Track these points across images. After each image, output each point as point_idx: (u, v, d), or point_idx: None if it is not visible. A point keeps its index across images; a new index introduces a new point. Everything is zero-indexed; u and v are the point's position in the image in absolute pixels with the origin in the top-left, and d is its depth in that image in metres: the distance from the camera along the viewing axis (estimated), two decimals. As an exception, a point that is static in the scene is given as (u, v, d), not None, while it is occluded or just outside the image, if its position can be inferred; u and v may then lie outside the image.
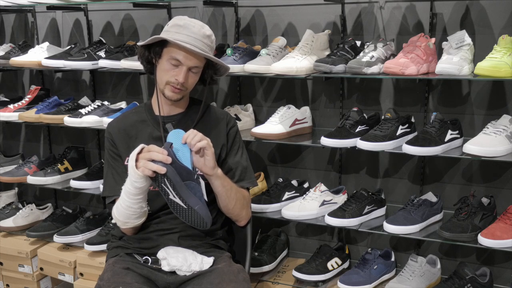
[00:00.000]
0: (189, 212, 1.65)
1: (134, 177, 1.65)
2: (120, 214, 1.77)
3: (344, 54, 2.20)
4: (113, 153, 1.92)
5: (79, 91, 3.14)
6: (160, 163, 1.61)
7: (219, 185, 1.82)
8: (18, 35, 3.29)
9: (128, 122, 1.96)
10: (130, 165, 1.65)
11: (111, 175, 1.91)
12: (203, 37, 1.80)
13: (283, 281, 2.46)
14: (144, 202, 1.75)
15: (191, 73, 1.83)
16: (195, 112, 1.96)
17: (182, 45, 1.75)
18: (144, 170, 1.62)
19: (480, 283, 2.15)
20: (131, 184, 1.67)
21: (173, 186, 1.62)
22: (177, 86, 1.82)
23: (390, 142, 2.14)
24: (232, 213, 1.92)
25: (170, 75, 1.82)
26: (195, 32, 1.79)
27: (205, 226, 1.68)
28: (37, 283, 2.85)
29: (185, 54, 1.78)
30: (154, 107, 1.95)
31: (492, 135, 2.00)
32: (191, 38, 1.77)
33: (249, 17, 2.66)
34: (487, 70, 1.90)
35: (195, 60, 1.80)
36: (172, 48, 1.79)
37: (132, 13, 2.90)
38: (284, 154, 2.71)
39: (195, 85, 1.90)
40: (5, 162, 3.22)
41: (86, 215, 2.86)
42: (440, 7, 2.27)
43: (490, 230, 2.01)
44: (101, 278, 1.75)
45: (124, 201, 1.72)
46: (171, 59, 1.80)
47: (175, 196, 1.63)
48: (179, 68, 1.80)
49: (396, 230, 2.13)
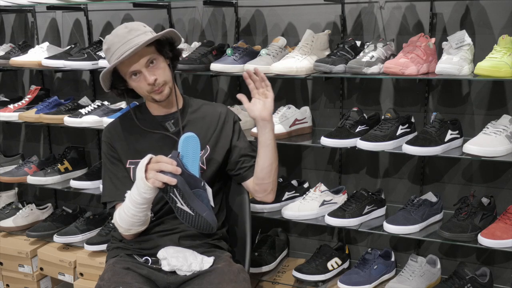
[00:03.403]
0: (196, 219, 1.65)
1: (144, 188, 1.63)
2: (124, 222, 1.76)
3: (344, 54, 2.20)
4: (112, 157, 1.91)
5: (79, 91, 3.14)
6: (170, 174, 1.60)
7: (271, 137, 1.90)
8: (18, 35, 3.29)
9: (125, 125, 1.94)
10: (139, 177, 1.63)
11: (110, 179, 1.90)
12: (128, 34, 1.76)
13: (283, 281, 2.46)
14: (148, 210, 1.75)
15: (153, 67, 1.80)
16: (191, 108, 1.96)
17: (121, 60, 1.73)
18: (155, 182, 1.61)
19: (480, 283, 2.15)
20: (139, 194, 1.66)
21: (182, 195, 1.62)
22: (155, 88, 1.81)
23: (390, 142, 2.14)
24: (274, 175, 1.95)
25: (143, 85, 1.80)
26: (121, 37, 1.76)
27: (211, 230, 1.69)
28: (37, 283, 2.85)
29: (131, 62, 1.76)
30: (150, 108, 1.95)
31: (492, 135, 2.00)
32: (122, 46, 1.74)
33: (249, 17, 2.66)
34: (487, 70, 1.90)
35: (143, 57, 1.77)
36: (121, 68, 1.80)
37: (132, 13, 2.90)
38: (284, 154, 2.70)
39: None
40: (5, 162, 3.23)
41: (86, 215, 2.86)
42: (440, 7, 2.27)
43: (490, 230, 2.01)
44: (102, 278, 1.74)
45: (129, 209, 1.71)
46: (129, 75, 1.79)
47: (183, 205, 1.63)
48: (142, 74, 1.79)
49: (396, 230, 2.13)
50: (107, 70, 1.78)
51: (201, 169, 1.88)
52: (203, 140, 1.89)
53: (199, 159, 1.71)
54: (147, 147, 1.84)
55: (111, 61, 1.77)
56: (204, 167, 1.90)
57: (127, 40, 1.74)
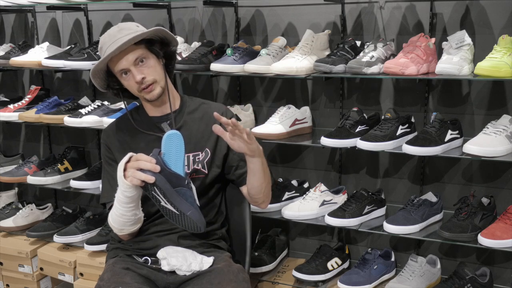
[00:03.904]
0: (181, 218, 1.65)
1: (124, 187, 1.64)
2: (115, 222, 1.77)
3: (344, 54, 2.20)
4: (109, 158, 1.92)
5: (79, 91, 3.13)
6: (149, 172, 1.59)
7: (261, 164, 1.81)
8: (18, 35, 3.29)
9: (122, 126, 1.95)
10: (118, 175, 1.64)
11: (107, 180, 1.91)
12: (118, 33, 1.77)
13: (283, 281, 2.46)
14: (137, 209, 1.74)
15: (142, 65, 1.80)
16: (189, 109, 1.96)
17: (107, 57, 1.75)
18: (132, 180, 1.61)
19: (480, 283, 2.15)
20: (121, 193, 1.67)
21: (164, 193, 1.61)
22: (143, 85, 1.81)
23: (390, 142, 2.14)
24: (263, 192, 1.91)
25: (132, 84, 1.81)
26: (111, 36, 1.78)
27: (198, 230, 1.68)
28: (37, 283, 2.85)
29: (119, 60, 1.77)
30: (147, 109, 1.95)
31: (492, 135, 2.00)
32: (111, 44, 1.76)
33: (249, 17, 2.66)
34: (487, 70, 1.90)
35: (130, 55, 1.77)
36: (112, 67, 1.81)
37: (132, 13, 2.89)
38: (284, 154, 2.71)
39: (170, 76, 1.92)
40: (5, 162, 3.22)
41: (86, 215, 2.86)
42: (440, 7, 2.27)
43: (490, 230, 2.01)
44: (101, 279, 1.75)
45: (117, 209, 1.72)
46: (120, 73, 1.81)
47: (167, 203, 1.62)
48: (131, 72, 1.80)
49: (396, 230, 2.13)
50: (96, 67, 1.80)
51: (202, 174, 1.88)
52: (201, 143, 1.89)
53: (184, 157, 1.68)
54: (142, 148, 1.83)
55: (104, 57, 1.79)
56: (206, 171, 1.90)
57: (116, 39, 1.76)
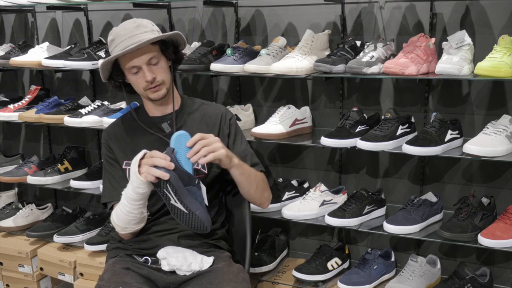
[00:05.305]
0: (190, 217, 1.65)
1: (137, 182, 1.64)
2: (120, 220, 1.76)
3: (344, 54, 2.20)
4: (110, 158, 1.92)
5: (79, 91, 3.14)
6: (163, 169, 1.61)
7: (239, 173, 1.82)
8: (18, 35, 3.29)
9: (123, 126, 1.95)
10: (132, 171, 1.64)
11: (108, 180, 1.91)
12: (135, 29, 1.77)
13: (283, 281, 2.46)
14: (144, 207, 1.74)
15: (153, 66, 1.81)
16: (189, 109, 1.96)
17: (124, 52, 1.75)
18: (147, 176, 1.61)
19: (480, 283, 2.15)
20: (132, 189, 1.66)
21: (175, 191, 1.62)
22: (152, 85, 1.82)
23: (390, 142, 2.14)
24: (255, 197, 1.93)
25: (141, 82, 1.82)
26: (128, 30, 1.77)
27: (205, 230, 1.68)
28: (37, 283, 2.85)
29: (133, 56, 1.77)
30: (148, 109, 1.96)
31: (492, 135, 2.00)
32: (127, 39, 1.76)
33: (249, 17, 2.66)
34: (487, 70, 1.90)
35: (145, 54, 1.78)
36: (122, 61, 1.81)
37: (132, 13, 2.89)
38: (284, 154, 2.71)
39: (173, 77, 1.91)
40: (5, 162, 3.23)
41: (86, 215, 2.86)
42: (440, 7, 2.27)
43: (490, 230, 2.01)
44: (101, 278, 1.75)
45: (124, 206, 1.72)
46: (129, 69, 1.81)
47: (177, 201, 1.63)
48: (141, 71, 1.80)
49: (396, 230, 2.13)
50: (108, 60, 1.80)
51: (202, 174, 1.88)
52: None
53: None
54: (142, 148, 1.83)
55: (114, 52, 1.78)
56: (205, 172, 1.90)
57: (133, 35, 1.76)
